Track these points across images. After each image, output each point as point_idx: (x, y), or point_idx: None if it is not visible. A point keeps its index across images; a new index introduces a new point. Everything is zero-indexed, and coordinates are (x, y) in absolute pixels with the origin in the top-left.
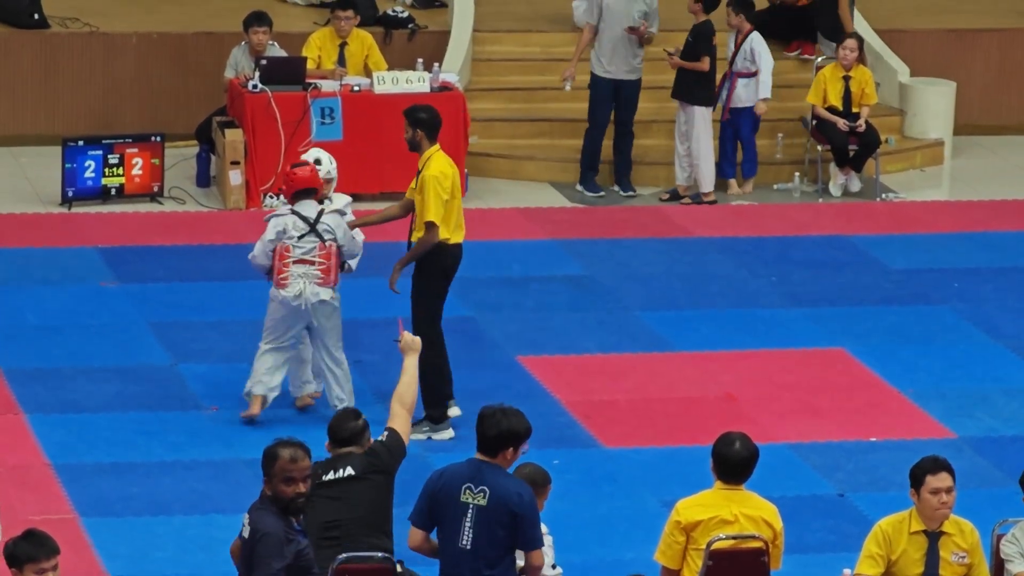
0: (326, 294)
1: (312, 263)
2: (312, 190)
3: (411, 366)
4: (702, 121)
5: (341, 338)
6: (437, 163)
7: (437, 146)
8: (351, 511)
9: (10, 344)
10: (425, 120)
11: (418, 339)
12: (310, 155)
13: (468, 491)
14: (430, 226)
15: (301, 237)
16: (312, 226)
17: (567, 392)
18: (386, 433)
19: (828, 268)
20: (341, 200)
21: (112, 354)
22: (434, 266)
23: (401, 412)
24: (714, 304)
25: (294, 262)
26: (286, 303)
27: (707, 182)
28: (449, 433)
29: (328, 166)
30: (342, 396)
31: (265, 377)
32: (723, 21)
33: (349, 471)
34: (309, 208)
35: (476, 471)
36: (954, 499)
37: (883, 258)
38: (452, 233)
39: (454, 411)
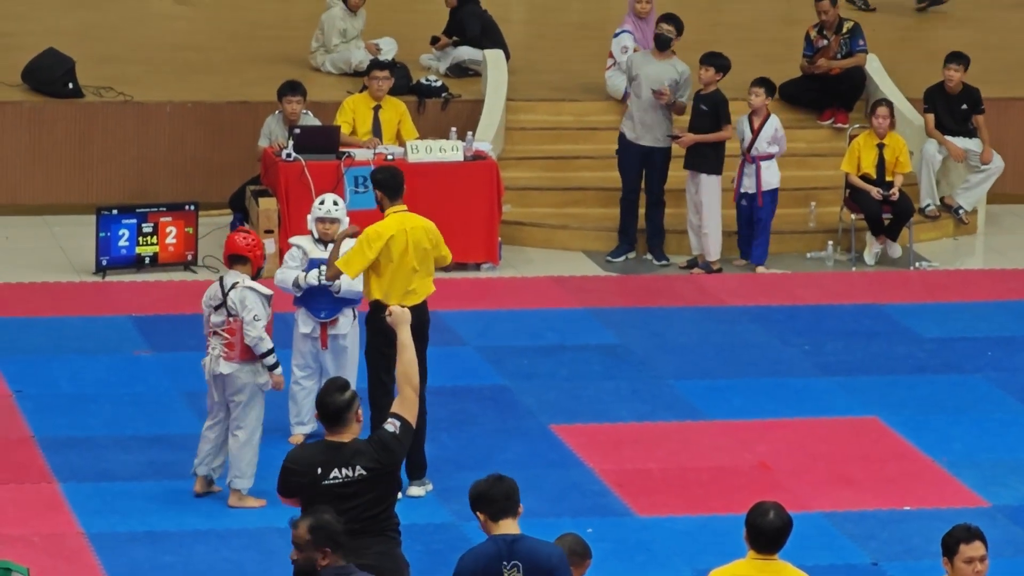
0: (228, 368)
1: (221, 336)
2: (243, 259)
3: (406, 340)
4: (711, 190)
5: (247, 418)
6: (383, 222)
7: (400, 207)
8: (361, 511)
9: (44, 413)
10: (381, 180)
11: (406, 311)
12: (326, 197)
13: (506, 569)
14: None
15: (216, 308)
16: (223, 298)
17: (600, 461)
18: (398, 423)
19: (861, 337)
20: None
21: (145, 422)
22: (374, 326)
23: (410, 394)
24: (747, 373)
25: (212, 333)
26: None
27: (714, 251)
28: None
29: (329, 206)
30: (213, 468)
31: (207, 458)
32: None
33: (360, 472)
34: (231, 278)
35: (506, 547)
36: (987, 567)
37: (916, 327)
38: (391, 295)
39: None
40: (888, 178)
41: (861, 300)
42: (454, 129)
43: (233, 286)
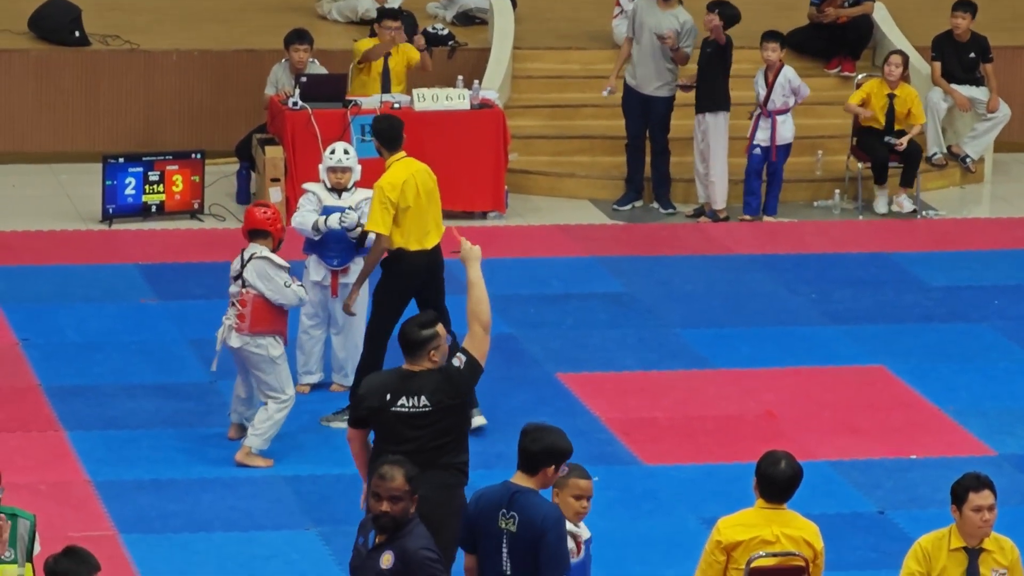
0: (237, 341)
1: (235, 307)
2: (264, 233)
3: (476, 277)
4: (717, 132)
5: (273, 388)
6: (391, 171)
7: (400, 155)
8: (425, 442)
9: (51, 361)
10: (380, 130)
11: (477, 247)
12: (336, 146)
13: (503, 517)
14: (377, 237)
15: (235, 279)
16: (241, 270)
17: (606, 409)
18: (464, 359)
19: (868, 286)
20: (366, 194)
21: (152, 371)
22: (391, 272)
23: (479, 331)
24: (754, 321)
25: (231, 303)
26: None
27: (720, 199)
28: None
29: (340, 155)
30: (246, 417)
31: (236, 405)
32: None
33: (424, 403)
34: (251, 251)
35: (509, 496)
36: (995, 516)
37: (923, 275)
38: (410, 240)
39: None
40: (898, 127)
41: (868, 248)
42: (461, 77)
43: (251, 258)
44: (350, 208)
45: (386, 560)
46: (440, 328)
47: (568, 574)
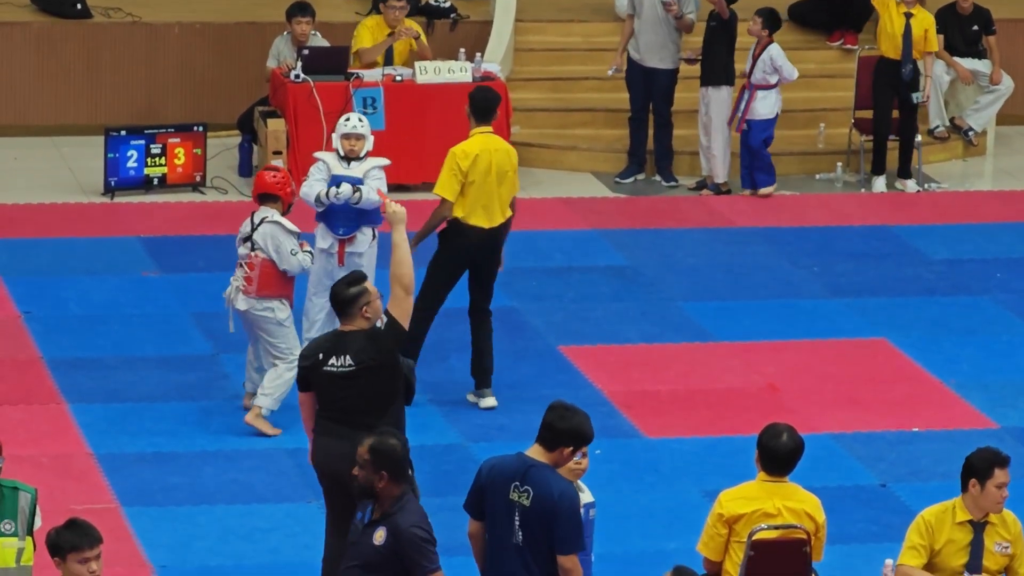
0: (244, 304)
1: (242, 269)
2: (274, 197)
3: (400, 239)
4: (719, 106)
5: (280, 350)
6: (468, 141)
7: (485, 129)
8: (351, 403)
9: (53, 334)
10: (474, 99)
11: (402, 209)
12: (351, 115)
13: (515, 490)
14: (441, 202)
15: (244, 241)
16: (251, 232)
17: (609, 382)
18: (385, 319)
19: (870, 258)
20: (376, 162)
21: (154, 344)
22: (447, 242)
23: (400, 293)
24: (756, 295)
25: (238, 265)
26: None
27: (721, 172)
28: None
29: (355, 122)
30: (264, 391)
31: (250, 373)
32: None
33: (348, 363)
34: (261, 214)
35: (523, 469)
36: (1008, 494)
37: (925, 248)
38: (472, 214)
39: (487, 401)
40: (916, 56)
41: (870, 222)
42: (463, 50)
43: (262, 221)
44: (355, 180)
45: (379, 536)
46: (369, 285)
47: (586, 551)
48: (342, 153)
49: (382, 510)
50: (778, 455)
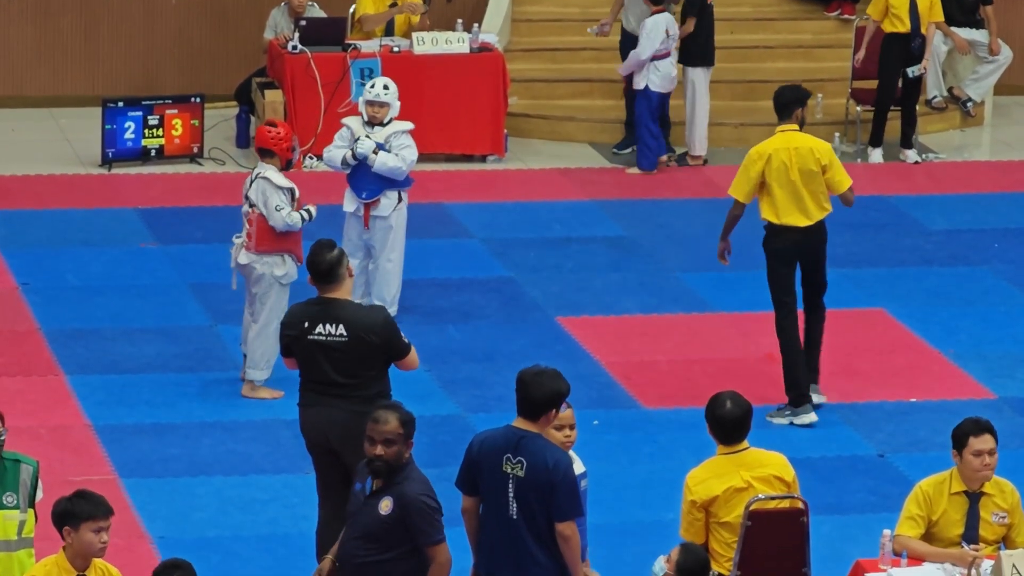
0: (245, 258)
1: (245, 225)
2: (270, 152)
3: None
4: (695, 83)
5: (261, 311)
6: (765, 141)
7: (789, 127)
8: (339, 373)
9: (50, 305)
10: (775, 97)
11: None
12: (376, 81)
13: (508, 462)
14: (734, 202)
15: (245, 198)
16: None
17: (607, 353)
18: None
19: (868, 229)
20: (400, 126)
21: (152, 315)
22: (768, 246)
23: None
24: (754, 265)
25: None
26: None
27: (699, 144)
28: (811, 417)
29: (379, 89)
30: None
31: (246, 338)
32: None
33: (341, 332)
34: (259, 170)
35: (515, 441)
36: (996, 461)
37: (923, 219)
38: (783, 214)
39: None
40: (923, 29)
41: (868, 192)
42: (460, 21)
43: (256, 177)
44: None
45: (385, 506)
46: (343, 249)
47: (582, 517)
48: (366, 118)
49: (387, 479)
50: (725, 423)
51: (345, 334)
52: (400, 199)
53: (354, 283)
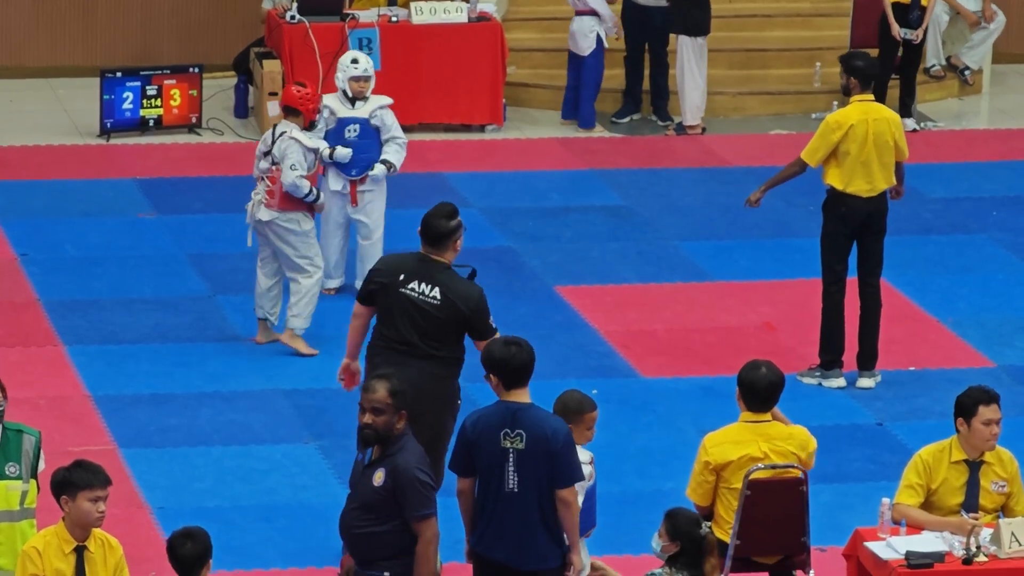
0: (266, 215)
1: (264, 182)
2: (295, 111)
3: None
4: (687, 51)
5: (299, 265)
6: (846, 109)
7: (866, 97)
8: (421, 334)
9: (49, 276)
10: (855, 68)
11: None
12: (348, 56)
13: (506, 437)
14: (798, 159)
15: (265, 154)
16: (270, 146)
17: (605, 322)
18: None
19: None
20: (380, 101)
21: (151, 286)
22: (829, 211)
23: None
24: (752, 234)
25: (259, 179)
26: None
27: (690, 114)
28: (840, 382)
29: (364, 64)
30: (270, 312)
31: (261, 300)
32: None
33: (435, 296)
34: (282, 127)
35: (510, 415)
36: (1000, 430)
37: (922, 187)
38: (850, 182)
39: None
40: (924, 1)
41: None
42: None
43: (281, 135)
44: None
45: (378, 477)
46: (460, 220)
47: (585, 482)
48: (350, 94)
49: (382, 450)
50: (757, 388)
51: (439, 298)
52: (389, 169)
53: (329, 261)
